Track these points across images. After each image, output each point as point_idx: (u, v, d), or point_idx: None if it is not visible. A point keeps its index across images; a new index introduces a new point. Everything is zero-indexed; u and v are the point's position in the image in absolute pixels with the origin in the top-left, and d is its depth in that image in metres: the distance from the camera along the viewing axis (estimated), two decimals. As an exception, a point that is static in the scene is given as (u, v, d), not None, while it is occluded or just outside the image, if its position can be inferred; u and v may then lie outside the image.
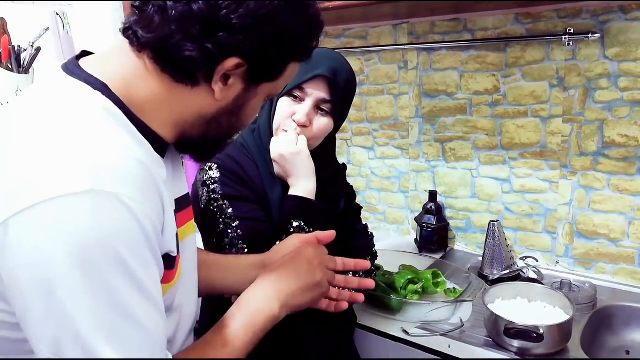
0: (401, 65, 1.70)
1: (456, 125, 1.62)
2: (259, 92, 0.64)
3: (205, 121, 0.63)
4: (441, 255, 1.64)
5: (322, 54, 1.01)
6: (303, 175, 0.99)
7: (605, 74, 1.35)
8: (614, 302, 1.30)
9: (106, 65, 0.60)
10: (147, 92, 0.59)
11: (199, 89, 0.60)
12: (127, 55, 0.60)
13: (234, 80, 0.60)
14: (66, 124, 0.53)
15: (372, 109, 1.80)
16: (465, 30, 1.55)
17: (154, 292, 0.54)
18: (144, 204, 0.52)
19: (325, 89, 0.98)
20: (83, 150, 0.51)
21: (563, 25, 1.37)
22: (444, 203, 1.70)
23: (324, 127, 1.01)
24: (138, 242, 0.52)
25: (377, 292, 1.25)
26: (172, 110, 0.61)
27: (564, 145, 1.45)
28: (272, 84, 0.65)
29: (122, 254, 0.50)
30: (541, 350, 1.06)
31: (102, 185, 0.49)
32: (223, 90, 0.60)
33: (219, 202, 0.96)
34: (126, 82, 0.59)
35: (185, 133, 0.64)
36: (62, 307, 0.48)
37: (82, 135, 0.52)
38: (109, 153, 0.52)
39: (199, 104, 0.61)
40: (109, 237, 0.49)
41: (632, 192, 1.37)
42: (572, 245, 1.49)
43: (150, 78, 0.59)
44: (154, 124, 0.61)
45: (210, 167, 0.98)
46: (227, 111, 0.63)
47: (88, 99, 0.56)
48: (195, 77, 0.59)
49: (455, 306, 1.25)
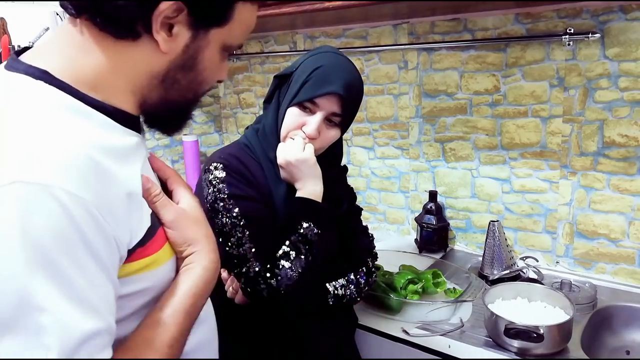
0: (401, 65, 1.70)
1: (456, 125, 1.62)
2: (210, 40, 0.60)
3: (159, 81, 0.61)
4: (441, 255, 1.64)
5: (335, 66, 0.99)
6: (310, 179, 1.00)
7: (605, 74, 1.35)
8: (614, 302, 1.30)
9: (46, 51, 0.59)
10: (93, 63, 0.57)
11: (143, 44, 0.58)
12: (65, 32, 0.59)
13: (178, 29, 0.57)
14: (4, 118, 0.52)
15: (372, 109, 1.80)
16: (465, 30, 1.55)
17: (90, 295, 0.49)
18: (85, 196, 0.49)
19: (337, 104, 0.98)
20: (14, 142, 0.49)
21: (563, 25, 1.37)
22: (444, 203, 1.70)
23: (331, 138, 1.02)
24: (69, 239, 0.48)
25: (377, 292, 1.25)
26: (123, 75, 0.59)
27: (564, 145, 1.45)
28: (224, 30, 0.61)
29: (48, 250, 0.47)
30: (541, 351, 1.06)
31: (29, 176, 0.47)
32: (168, 41, 0.57)
33: (225, 201, 0.95)
34: (70, 61, 0.57)
35: (145, 99, 0.62)
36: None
37: (17, 127, 0.51)
38: (42, 142, 0.50)
39: (146, 61, 0.59)
40: (34, 231, 0.46)
41: (632, 192, 1.36)
42: (572, 245, 1.49)
43: (93, 47, 0.57)
44: (110, 97, 0.58)
45: (216, 167, 0.98)
46: (180, 65, 0.60)
47: (28, 91, 0.54)
48: (135, 28, 0.56)
49: (455, 306, 1.25)
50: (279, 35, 1.99)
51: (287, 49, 1.95)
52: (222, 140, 2.30)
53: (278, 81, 1.05)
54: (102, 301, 0.51)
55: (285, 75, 1.03)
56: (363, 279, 1.09)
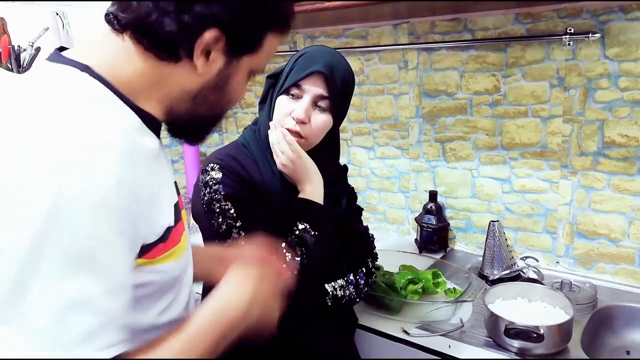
0: (401, 65, 1.70)
1: (456, 125, 1.62)
2: (241, 65, 0.66)
3: (190, 97, 0.65)
4: (441, 255, 1.64)
5: (318, 51, 1.02)
6: (311, 177, 1.01)
7: (605, 73, 1.35)
8: (614, 302, 1.30)
9: (89, 51, 0.62)
10: (132, 73, 0.61)
11: (182, 66, 0.62)
12: (109, 40, 0.62)
13: (215, 55, 0.62)
14: (52, 104, 0.55)
15: (372, 109, 1.80)
16: (465, 30, 1.55)
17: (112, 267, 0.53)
18: (125, 176, 0.53)
19: (322, 85, 0.99)
20: (67, 126, 0.53)
21: (563, 25, 1.37)
22: (444, 203, 1.70)
23: (322, 123, 1.02)
24: (109, 211, 0.52)
25: (377, 292, 1.25)
26: (157, 88, 0.63)
27: (564, 145, 1.45)
28: (254, 58, 0.67)
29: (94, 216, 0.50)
30: (541, 351, 1.06)
31: (84, 156, 0.51)
32: (205, 65, 0.62)
33: (222, 202, 0.95)
34: (110, 63, 0.61)
35: (173, 110, 0.66)
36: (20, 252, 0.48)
37: (66, 111, 0.54)
38: (93, 124, 0.54)
39: (182, 80, 0.63)
40: (85, 198, 0.50)
41: (632, 192, 1.36)
42: (572, 245, 1.49)
43: (134, 59, 0.61)
44: (141, 101, 0.62)
45: (212, 168, 0.98)
46: (211, 86, 0.65)
47: (73, 79, 0.58)
48: (177, 53, 0.61)
49: (455, 306, 1.25)
50: (279, 35, 1.98)
51: (287, 49, 1.95)
52: (222, 140, 2.30)
53: (272, 81, 1.06)
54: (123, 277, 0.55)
55: (277, 74, 1.05)
56: (362, 280, 1.09)
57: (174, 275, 0.66)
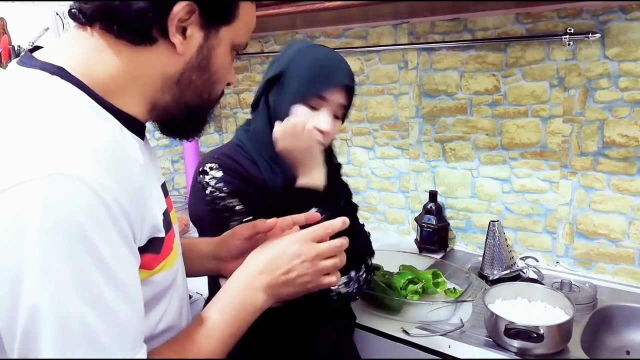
0: (401, 65, 1.70)
1: (456, 125, 1.62)
2: (221, 38, 0.63)
3: (174, 82, 0.62)
4: (441, 255, 1.64)
5: (336, 59, 0.99)
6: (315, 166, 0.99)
7: (605, 73, 1.35)
8: (614, 302, 1.30)
9: (61, 51, 0.59)
10: (107, 69, 0.58)
11: (159, 48, 0.59)
12: (79, 37, 0.59)
13: (191, 30, 0.60)
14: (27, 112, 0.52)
15: (372, 109, 1.80)
16: (465, 30, 1.55)
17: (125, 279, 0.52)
18: (113, 186, 0.51)
19: (343, 95, 0.99)
20: (47, 135, 0.50)
21: (563, 25, 1.37)
22: (444, 203, 1.70)
23: (337, 130, 1.03)
24: (105, 224, 0.50)
25: (377, 292, 1.25)
26: (137, 80, 0.60)
27: (564, 145, 1.45)
28: (232, 29, 0.64)
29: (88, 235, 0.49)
30: (541, 351, 1.06)
31: (67, 168, 0.48)
32: (184, 43, 0.60)
33: (227, 200, 0.95)
34: (82, 62, 0.58)
35: (158, 102, 0.63)
36: (28, 295, 0.47)
37: (44, 119, 0.52)
38: (74, 134, 0.51)
39: (162, 64, 0.61)
40: (73, 218, 0.48)
41: (632, 192, 1.36)
42: (572, 245, 1.49)
43: (106, 52, 0.58)
44: (122, 102, 0.60)
45: (211, 167, 0.97)
46: (195, 66, 0.62)
47: (46, 85, 0.55)
48: (150, 34, 0.58)
49: (455, 306, 1.25)
50: (279, 35, 1.99)
51: (287, 49, 1.95)
52: (222, 140, 2.30)
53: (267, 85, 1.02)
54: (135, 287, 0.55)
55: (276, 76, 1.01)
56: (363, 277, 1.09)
57: (166, 284, 0.65)
